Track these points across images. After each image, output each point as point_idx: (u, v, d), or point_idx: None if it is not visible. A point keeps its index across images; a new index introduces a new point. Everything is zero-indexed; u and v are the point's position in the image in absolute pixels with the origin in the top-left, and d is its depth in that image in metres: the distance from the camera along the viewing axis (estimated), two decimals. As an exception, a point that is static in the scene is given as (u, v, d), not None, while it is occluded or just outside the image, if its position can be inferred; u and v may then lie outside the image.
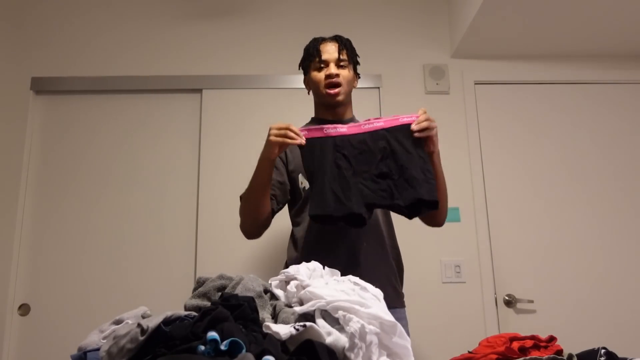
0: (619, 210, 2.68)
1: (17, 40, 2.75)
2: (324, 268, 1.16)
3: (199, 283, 1.04)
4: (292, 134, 1.48)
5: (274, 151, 1.52)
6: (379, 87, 2.76)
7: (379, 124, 1.55)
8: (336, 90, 1.69)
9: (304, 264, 1.14)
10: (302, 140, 1.49)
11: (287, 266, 1.66)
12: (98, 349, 0.91)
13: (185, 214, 2.60)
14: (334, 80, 1.68)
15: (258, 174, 1.61)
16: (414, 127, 1.52)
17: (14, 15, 2.78)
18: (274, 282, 1.08)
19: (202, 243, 2.53)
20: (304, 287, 0.99)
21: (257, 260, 2.50)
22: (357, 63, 1.82)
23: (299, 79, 2.75)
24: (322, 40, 1.76)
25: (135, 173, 2.64)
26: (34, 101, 2.69)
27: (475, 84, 2.80)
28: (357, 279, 1.05)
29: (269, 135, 1.52)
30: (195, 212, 2.58)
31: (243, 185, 2.64)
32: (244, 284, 1.00)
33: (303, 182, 1.71)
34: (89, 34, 2.78)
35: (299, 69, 1.84)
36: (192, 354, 0.74)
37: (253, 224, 1.70)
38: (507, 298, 2.54)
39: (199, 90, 2.73)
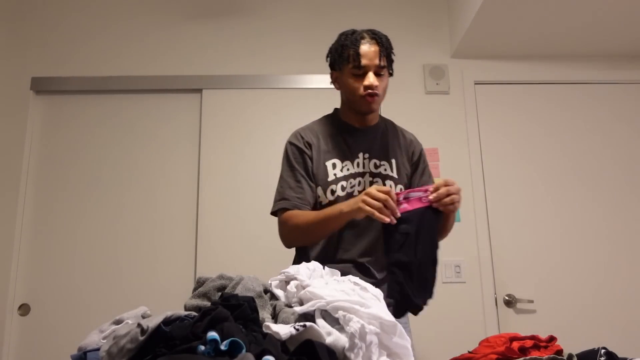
0: (620, 210, 2.68)
1: (17, 40, 2.75)
2: (323, 268, 1.16)
3: (199, 283, 1.04)
4: (385, 212, 1.34)
5: (360, 215, 1.41)
6: (379, 87, 2.75)
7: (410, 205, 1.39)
8: (373, 99, 1.57)
9: (304, 264, 1.14)
10: (392, 220, 1.34)
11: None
12: (98, 349, 0.91)
13: (185, 214, 2.60)
14: (374, 92, 1.56)
15: (332, 221, 1.48)
16: (435, 204, 1.38)
17: (14, 15, 2.77)
18: (274, 282, 1.08)
19: (202, 243, 2.53)
20: (304, 287, 0.99)
21: (257, 260, 2.50)
22: (393, 61, 1.66)
23: (299, 79, 2.77)
24: (362, 38, 1.57)
25: (135, 173, 2.64)
26: (34, 101, 2.69)
27: (475, 84, 2.80)
28: (357, 279, 1.04)
29: (363, 198, 1.38)
30: (195, 212, 2.58)
31: (243, 185, 2.64)
32: (244, 284, 1.00)
33: (321, 197, 1.61)
34: (89, 34, 2.78)
35: (327, 60, 1.68)
36: (192, 354, 0.74)
37: (302, 245, 1.63)
38: (507, 298, 2.54)
39: (199, 90, 2.73)
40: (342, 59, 1.59)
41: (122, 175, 2.63)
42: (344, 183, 1.60)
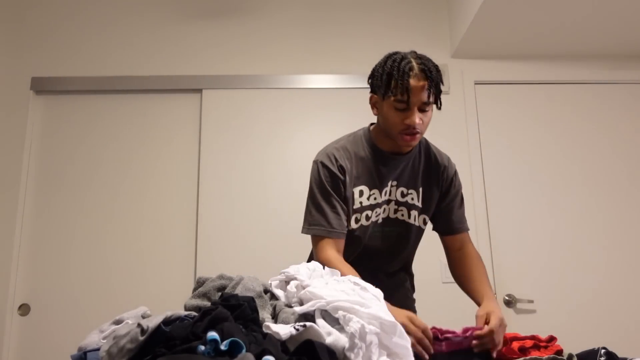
0: (620, 210, 2.68)
1: (17, 40, 2.75)
2: (323, 268, 1.16)
3: (199, 283, 1.04)
4: (417, 348, 1.17)
5: None
6: (379, 87, 2.76)
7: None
8: (413, 137, 1.46)
9: (303, 263, 1.14)
10: (425, 356, 1.19)
11: None
12: (98, 349, 0.91)
13: (185, 213, 2.60)
14: (415, 130, 1.45)
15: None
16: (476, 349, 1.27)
17: (14, 15, 2.78)
18: (273, 282, 1.08)
19: (202, 243, 2.53)
20: (304, 287, 0.99)
21: (257, 261, 2.49)
22: (441, 92, 1.54)
23: (298, 79, 2.77)
24: (410, 70, 1.44)
25: (135, 173, 2.64)
26: (34, 101, 2.69)
27: (475, 83, 2.80)
28: (357, 279, 1.05)
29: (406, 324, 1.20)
30: (195, 212, 2.58)
31: (243, 184, 2.64)
32: (244, 284, 1.00)
33: (351, 224, 1.55)
34: (89, 34, 2.78)
35: (368, 81, 1.57)
36: (192, 353, 0.74)
37: None
38: (507, 298, 2.54)
39: (199, 90, 2.73)
40: (387, 88, 1.46)
41: (122, 175, 2.63)
42: (369, 212, 1.55)
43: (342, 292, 0.95)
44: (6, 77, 2.69)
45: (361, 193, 1.54)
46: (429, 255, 2.56)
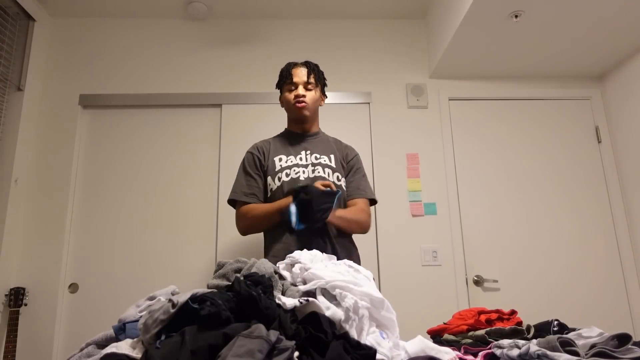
0: (566, 205, 2.68)
1: (68, 63, 2.75)
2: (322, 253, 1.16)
3: (219, 266, 1.04)
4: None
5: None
6: (369, 103, 2.76)
7: None
8: (302, 104, 1.71)
9: (305, 250, 1.14)
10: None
11: (266, 254, 1.65)
12: (135, 321, 0.91)
13: (208, 208, 2.60)
14: (301, 99, 1.71)
15: (271, 214, 1.60)
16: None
17: (65, 43, 2.78)
18: (281, 265, 1.08)
19: (222, 233, 2.52)
20: (306, 270, 0.99)
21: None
22: (325, 85, 1.80)
23: (302, 96, 2.76)
24: (295, 65, 1.76)
25: (166, 175, 2.64)
26: (81, 114, 2.69)
27: (449, 100, 2.80)
28: (351, 263, 1.05)
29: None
30: (216, 207, 2.58)
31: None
32: (257, 266, 1.00)
33: (271, 184, 1.70)
34: (127, 58, 2.78)
35: (276, 88, 1.84)
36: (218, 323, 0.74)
37: (255, 232, 1.74)
38: (475, 278, 2.54)
39: (219, 105, 2.73)
40: (281, 79, 1.77)
41: (154, 176, 2.63)
42: (287, 171, 1.69)
43: (338, 274, 0.95)
44: (58, 93, 2.69)
45: (280, 159, 1.73)
46: (411, 243, 2.57)
